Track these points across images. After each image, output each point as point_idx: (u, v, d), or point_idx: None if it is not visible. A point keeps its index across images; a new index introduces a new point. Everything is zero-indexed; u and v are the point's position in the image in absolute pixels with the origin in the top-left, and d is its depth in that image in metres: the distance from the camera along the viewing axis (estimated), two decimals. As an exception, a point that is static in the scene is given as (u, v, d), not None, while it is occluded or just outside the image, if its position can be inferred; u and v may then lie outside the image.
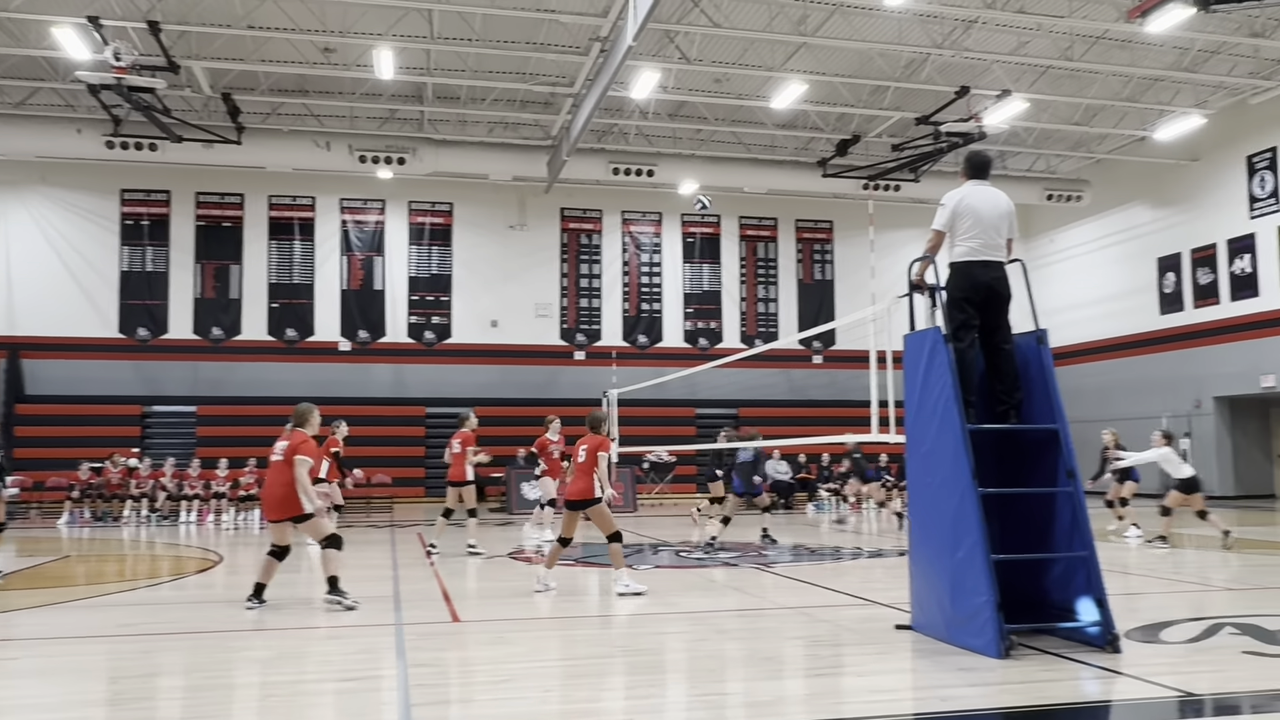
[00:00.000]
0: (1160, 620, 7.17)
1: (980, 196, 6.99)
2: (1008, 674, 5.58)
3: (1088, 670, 5.68)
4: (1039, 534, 6.68)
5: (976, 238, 6.87)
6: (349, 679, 5.89)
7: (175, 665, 6.34)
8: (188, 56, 18.58)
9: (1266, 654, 6.07)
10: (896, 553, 12.30)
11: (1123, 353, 26.02)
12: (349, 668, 6.19)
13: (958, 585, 6.26)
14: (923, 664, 5.98)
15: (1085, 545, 6.29)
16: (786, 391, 26.88)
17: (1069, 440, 6.54)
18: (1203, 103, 22.00)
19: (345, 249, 26.20)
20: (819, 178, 24.84)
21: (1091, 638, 6.19)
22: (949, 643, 6.28)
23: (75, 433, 22.51)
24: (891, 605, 7.86)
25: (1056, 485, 6.54)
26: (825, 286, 28.81)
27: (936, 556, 6.55)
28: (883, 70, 20.22)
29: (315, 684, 5.88)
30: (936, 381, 6.59)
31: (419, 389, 25.76)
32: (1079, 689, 5.41)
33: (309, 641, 7.10)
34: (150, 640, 7.08)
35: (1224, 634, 6.71)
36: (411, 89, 21.68)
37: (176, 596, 9.50)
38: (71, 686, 5.78)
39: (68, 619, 8.07)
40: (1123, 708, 5.21)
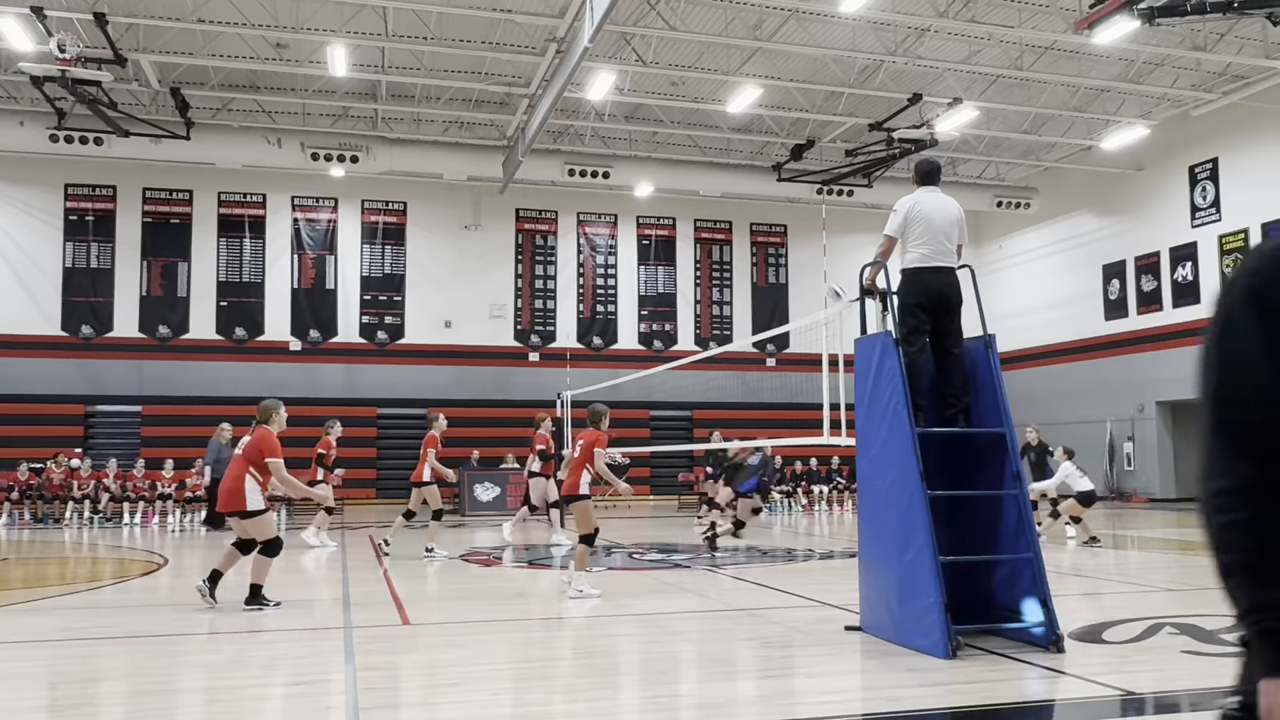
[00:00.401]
0: (1103, 621, 7.31)
1: (931, 203, 7.08)
2: (954, 674, 5.65)
3: (1033, 670, 5.78)
4: (986, 536, 6.79)
5: (928, 244, 6.97)
6: (297, 683, 5.82)
7: (117, 670, 6.21)
8: (135, 49, 18.23)
9: (1205, 653, 6.22)
10: (847, 554, 12.41)
11: (1069, 358, 26.51)
12: (297, 671, 6.11)
13: (906, 587, 6.33)
14: (871, 665, 6.04)
15: (1030, 547, 6.40)
16: (740, 394, 27.00)
17: (1015, 444, 6.65)
18: (1147, 114, 22.49)
19: (297, 247, 25.87)
20: (774, 182, 25.01)
21: (1037, 638, 6.29)
22: (897, 643, 6.35)
23: (15, 432, 21.99)
24: (842, 607, 7.93)
25: (1003, 488, 6.64)
26: (779, 290, 29.00)
27: (885, 558, 6.63)
28: (837, 76, 20.41)
29: (262, 688, 5.79)
30: (886, 385, 6.66)
31: (371, 390, 25.51)
32: (1024, 689, 5.50)
33: (256, 645, 6.99)
34: (91, 645, 6.93)
35: (1164, 634, 6.86)
36: (365, 86, 21.47)
37: (120, 600, 9.32)
38: (8, 693, 5.64)
39: (4, 624, 7.88)
40: (1066, 707, 5.31)
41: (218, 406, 23.83)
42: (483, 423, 24.34)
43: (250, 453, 8.30)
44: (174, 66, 19.70)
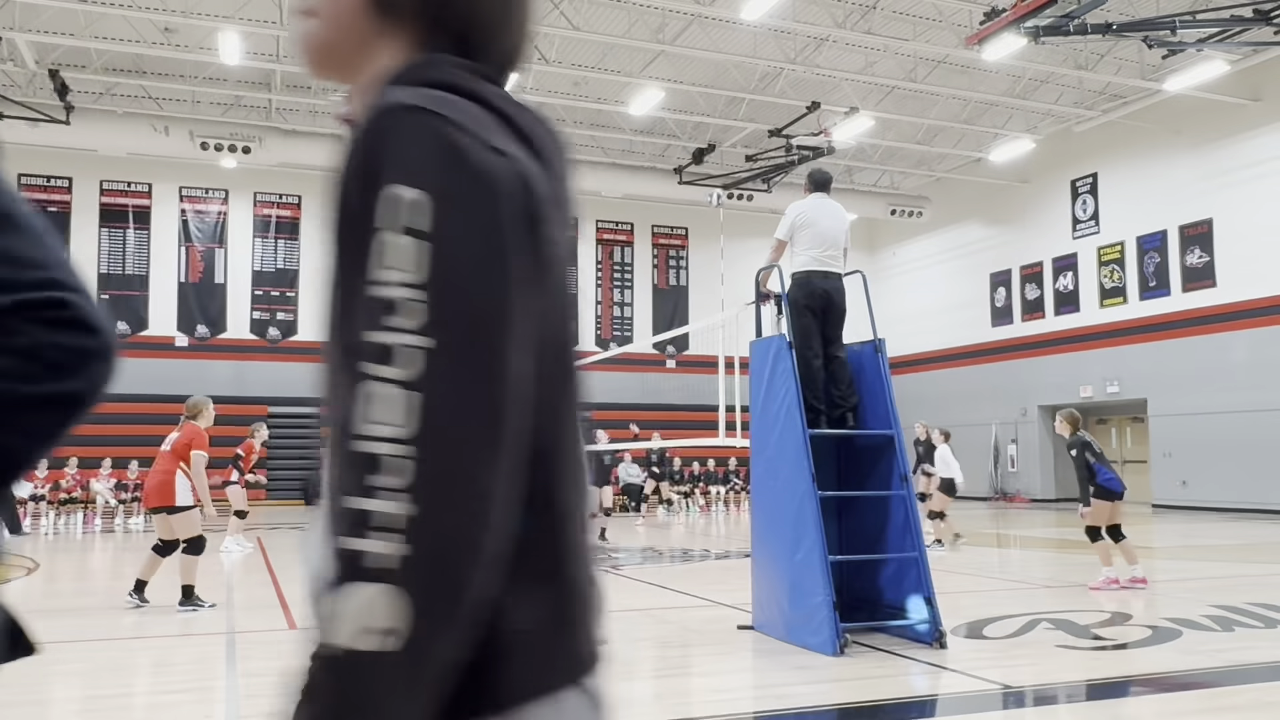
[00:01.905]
0: (984, 617, 7.56)
1: (821, 209, 7.27)
2: (842, 671, 5.77)
3: (917, 666, 5.94)
4: (874, 535, 6.95)
5: (816, 248, 7.15)
6: (174, 691, 5.61)
7: (-20, 681, 5.89)
8: (10, 28, 17.34)
9: (1078, 647, 6.48)
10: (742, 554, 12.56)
11: (957, 362, 27.37)
12: (175, 679, 5.89)
13: (796, 586, 6.44)
14: (762, 663, 6.13)
15: (916, 546, 6.58)
16: (640, 395, 27.10)
17: (903, 446, 6.83)
18: (1033, 128, 23.38)
19: (184, 239, 24.98)
20: (675, 185, 25.20)
21: (921, 635, 6.47)
22: (788, 641, 6.46)
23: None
24: (735, 606, 8.02)
25: (891, 489, 6.81)
26: (680, 291, 29.22)
27: (777, 558, 6.73)
28: (738, 82, 20.67)
29: (138, 697, 5.58)
30: (780, 387, 6.77)
31: (261, 387, 24.77)
32: (908, 684, 5.65)
33: (132, 652, 6.73)
34: (-48, 654, 6.56)
35: (1040, 629, 7.13)
36: (259, 75, 20.86)
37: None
38: None
39: None
40: (948, 700, 5.47)
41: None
42: (378, 422, 23.87)
43: (179, 448, 8.19)
44: (53, 47, 18.82)
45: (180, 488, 8.08)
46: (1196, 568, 11.48)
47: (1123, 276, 22.91)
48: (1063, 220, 24.55)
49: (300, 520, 19.40)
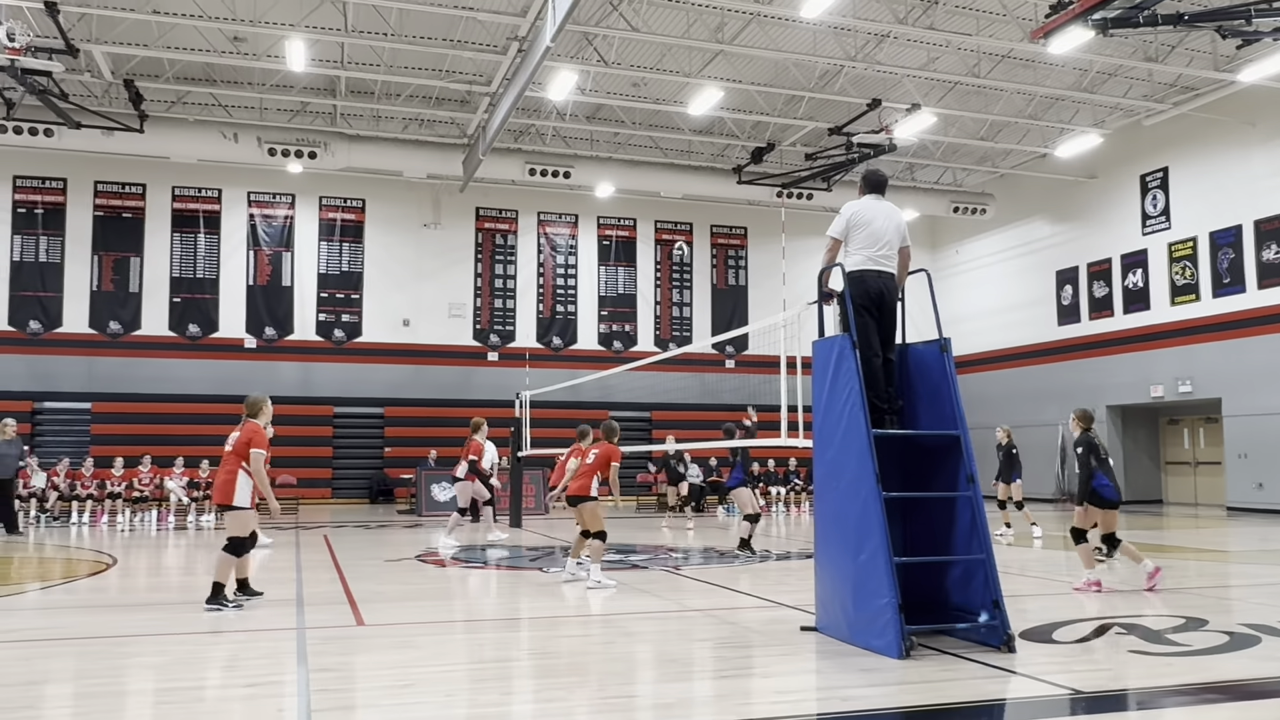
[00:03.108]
0: (1053, 621, 7.42)
1: (875, 209, 7.23)
2: (907, 674, 5.71)
3: (984, 670, 5.85)
4: (940, 537, 6.87)
5: (869, 247, 7.11)
6: (249, 684, 5.74)
7: (64, 672, 6.09)
8: (88, 40, 17.90)
9: (1151, 652, 6.33)
10: (804, 555, 12.49)
11: (1023, 361, 26.90)
12: (249, 673, 6.03)
13: (860, 587, 6.39)
14: (826, 665, 6.08)
15: (983, 548, 6.48)
16: (699, 395, 27.09)
17: (970, 446, 6.74)
18: (1100, 122, 22.89)
19: (253, 243, 25.55)
20: (734, 184, 25.13)
21: (988, 638, 6.38)
22: (852, 644, 6.40)
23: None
24: (797, 607, 7.97)
25: (957, 490, 6.72)
26: (739, 291, 29.13)
27: (841, 559, 6.68)
28: (797, 80, 20.55)
29: (213, 690, 5.71)
30: (843, 387, 6.72)
31: (327, 388, 25.26)
32: (976, 688, 5.56)
33: (207, 646, 6.89)
34: (37, 646, 6.80)
35: (1112, 634, 6.98)
36: (324, 82, 21.26)
37: (67, 601, 9.14)
38: (-51, 695, 5.52)
39: (-53, 624, 7.70)
40: (1017, 706, 5.38)
41: (170, 404, 23.52)
42: (441, 422, 24.21)
43: (240, 447, 8.34)
44: (128, 58, 19.38)
45: (240, 488, 8.25)
46: (1274, 572, 11.13)
47: (1195, 273, 22.32)
48: (1132, 216, 23.99)
49: (366, 518, 19.72)
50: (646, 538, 15.46)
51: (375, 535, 16.14)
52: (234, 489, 8.24)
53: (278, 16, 17.51)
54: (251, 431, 8.37)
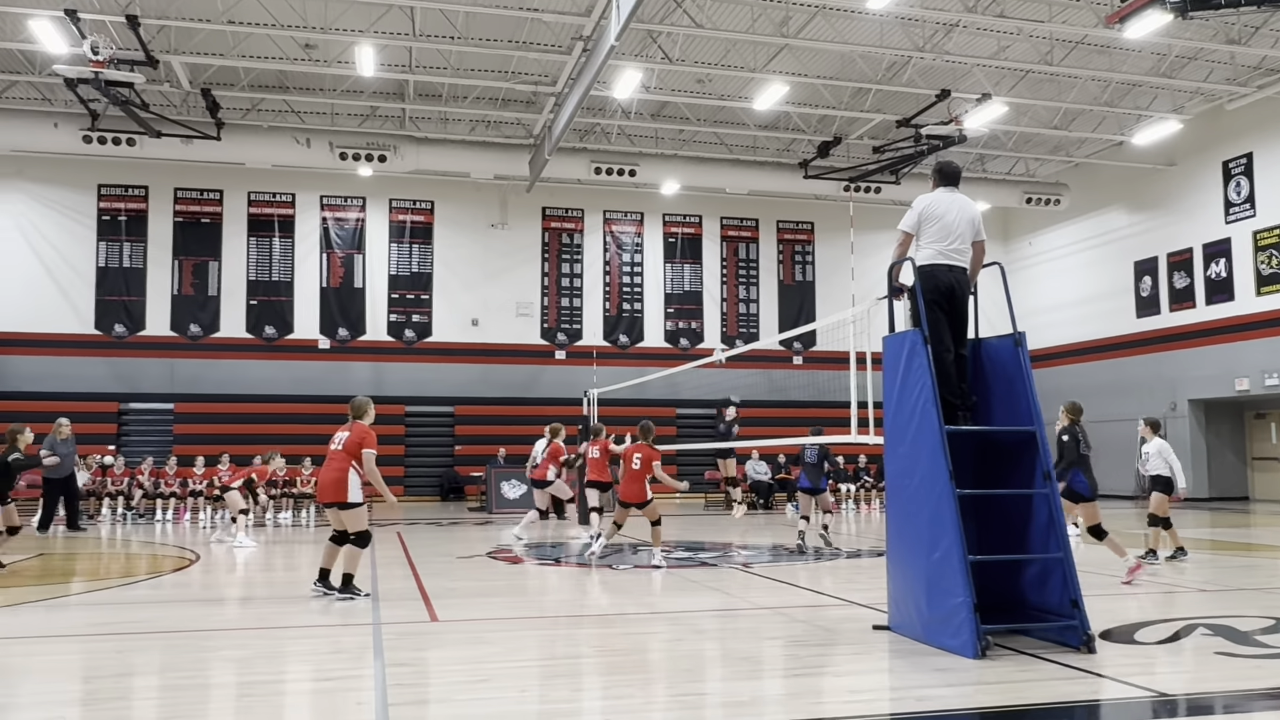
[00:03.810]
0: (1135, 621, 7.23)
1: (948, 202, 7.09)
2: (984, 674, 5.61)
3: (1064, 671, 5.72)
4: (1016, 535, 6.73)
5: (941, 241, 6.98)
6: (326, 679, 5.86)
7: (150, 665, 6.29)
8: (167, 51, 18.43)
9: (1238, 654, 6.14)
10: (874, 553, 12.35)
11: (1100, 355, 26.25)
12: (326, 667, 6.16)
13: (934, 586, 6.30)
14: (899, 664, 6.01)
15: (1061, 547, 6.34)
16: (766, 392, 26.93)
17: (1045, 443, 6.60)
18: (1180, 108, 22.22)
19: (325, 246, 26.08)
20: (800, 179, 24.93)
21: (1067, 639, 6.24)
22: (926, 643, 6.32)
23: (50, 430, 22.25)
24: (869, 606, 7.89)
25: (1033, 487, 6.58)
26: (806, 288, 28.90)
27: (913, 557, 6.59)
28: (864, 72, 20.31)
29: (292, 683, 5.85)
30: (915, 383, 6.63)
31: (399, 387, 25.67)
32: (1055, 689, 5.44)
33: (286, 641, 7.06)
34: (125, 639, 7.03)
35: (1197, 635, 6.77)
36: (393, 86, 21.60)
37: (152, 596, 9.43)
38: (45, 686, 5.73)
39: (41, 618, 8.00)
40: (1099, 708, 5.25)
41: (248, 404, 24.13)
42: (509, 420, 24.44)
43: (351, 446, 8.59)
44: (204, 67, 19.91)
45: (352, 485, 8.50)
46: (1371, 572, 10.71)
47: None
48: (1214, 204, 23.24)
49: (437, 515, 20.00)
50: (715, 535, 15.43)
51: (447, 532, 16.37)
52: (346, 486, 8.49)
53: (347, 23, 17.84)
54: (363, 432, 8.65)
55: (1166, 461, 11.32)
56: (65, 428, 16.27)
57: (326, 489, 8.65)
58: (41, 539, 14.95)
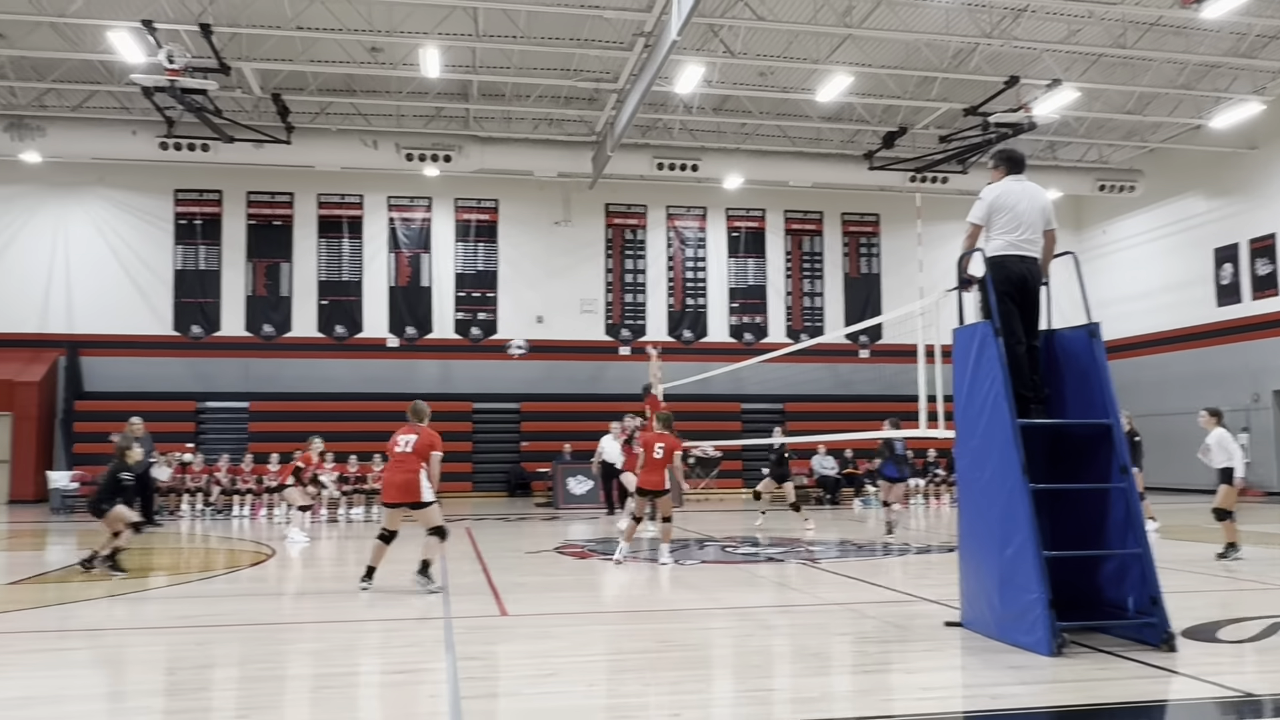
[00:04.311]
0: (1217, 619, 7.03)
1: (1017, 191, 6.96)
2: (1059, 672, 5.50)
3: (1143, 669, 5.59)
4: (1091, 530, 6.58)
5: (1012, 231, 6.86)
6: (399, 671, 5.97)
7: (230, 657, 6.46)
8: (238, 58, 18.87)
9: (1329, 654, 5.93)
10: (945, 549, 12.18)
11: (1178, 345, 25.51)
12: (399, 660, 6.26)
13: (1007, 582, 6.19)
14: (972, 661, 5.92)
15: (1139, 542, 6.18)
16: (832, 386, 26.72)
17: (1121, 435, 6.44)
18: (1261, 89, 21.47)
19: (393, 246, 26.49)
20: (865, 170, 24.64)
21: (1146, 636, 6.08)
22: (999, 640, 6.21)
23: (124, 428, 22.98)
24: (940, 602, 7.78)
25: (1109, 481, 6.43)
26: (872, 280, 28.58)
27: (986, 553, 6.48)
28: (930, 61, 19.99)
29: (366, 676, 5.96)
30: (986, 376, 6.51)
31: (466, 384, 25.97)
32: (1134, 688, 5.31)
33: (360, 635, 7.19)
34: (205, 632, 7.22)
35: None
36: (457, 87, 21.83)
37: (230, 589, 9.68)
38: (130, 676, 5.92)
39: (125, 611, 8.26)
40: (1180, 708, 5.12)
41: (320, 402, 24.61)
42: (575, 416, 24.56)
43: (421, 449, 8.85)
44: (275, 73, 20.33)
45: (424, 485, 8.76)
46: None
47: (1372, 247, 20.74)
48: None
49: (505, 511, 20.20)
50: (782, 530, 15.35)
51: (515, 527, 16.53)
52: (419, 487, 8.75)
53: (412, 25, 18.08)
54: (431, 435, 8.95)
55: (1228, 451, 10.99)
56: (138, 426, 16.77)
57: (399, 490, 8.80)
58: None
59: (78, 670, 6.05)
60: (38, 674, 5.92)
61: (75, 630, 7.48)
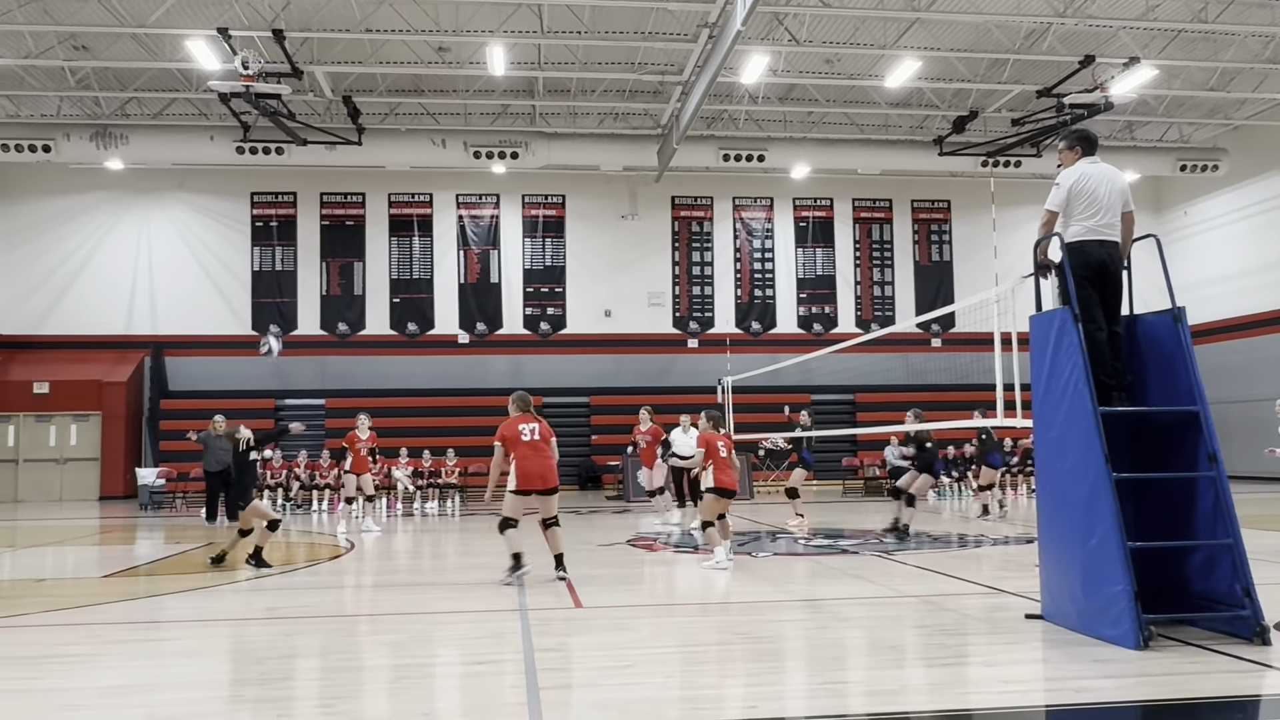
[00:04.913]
0: (1313, 611, 6.78)
1: (1095, 175, 6.78)
2: (1146, 665, 5.37)
3: (1235, 663, 5.42)
4: (1178, 521, 6.40)
5: (1091, 216, 6.70)
6: (478, 662, 6.05)
7: (313, 647, 6.61)
8: (310, 62, 19.26)
9: None
10: (1024, 540, 11.96)
11: (1264, 329, 24.64)
12: (477, 652, 6.35)
13: (1091, 573, 6.05)
14: (1054, 654, 5.80)
15: (1230, 533, 5.99)
16: (905, 376, 26.34)
17: (1210, 422, 6.24)
18: (1353, 61, 20.61)
19: (462, 243, 26.82)
20: (935, 156, 24.23)
21: (1238, 630, 5.90)
22: (1082, 633, 6.08)
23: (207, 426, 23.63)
24: (1019, 594, 7.65)
25: (1197, 469, 6.25)
26: (943, 267, 28.12)
27: (1067, 544, 6.34)
28: (1001, 43, 19.58)
29: (446, 667, 6.06)
30: (1065, 363, 6.37)
31: (536, 379, 26.15)
32: (1226, 683, 5.16)
33: (437, 626, 7.31)
34: (290, 623, 7.41)
35: (1386, 626, 6.30)
36: (523, 84, 21.99)
37: (311, 582, 9.90)
38: (220, 666, 6.10)
39: (213, 602, 8.50)
40: (1274, 703, 4.96)
41: (393, 399, 25.03)
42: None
43: (546, 434, 9.18)
44: (345, 75, 20.70)
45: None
46: None
47: None
48: (1395, 163, 21.49)
49: (576, 504, 20.33)
50: (854, 521, 15.20)
51: (586, 520, 16.63)
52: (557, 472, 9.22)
53: (478, 24, 18.26)
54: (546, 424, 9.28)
55: None
56: (221, 424, 17.24)
57: (546, 476, 9.05)
58: (210, 529, 15.88)
59: (170, 660, 6.26)
60: (133, 664, 6.13)
61: (167, 621, 7.73)
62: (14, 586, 9.90)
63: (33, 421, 24.43)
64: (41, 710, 4.93)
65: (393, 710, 5.01)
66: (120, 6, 17.35)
